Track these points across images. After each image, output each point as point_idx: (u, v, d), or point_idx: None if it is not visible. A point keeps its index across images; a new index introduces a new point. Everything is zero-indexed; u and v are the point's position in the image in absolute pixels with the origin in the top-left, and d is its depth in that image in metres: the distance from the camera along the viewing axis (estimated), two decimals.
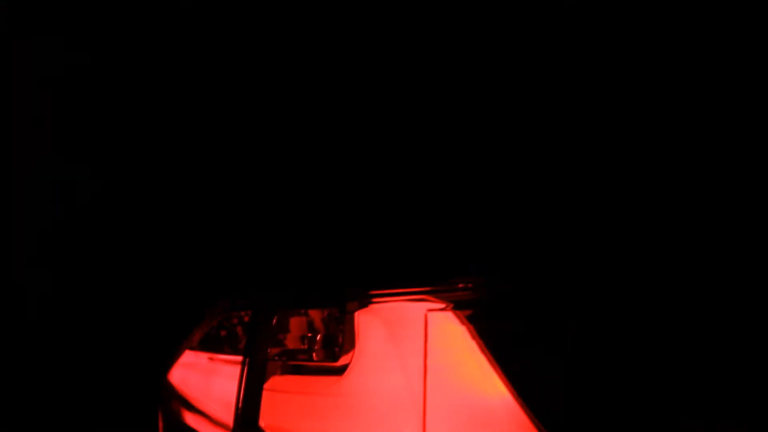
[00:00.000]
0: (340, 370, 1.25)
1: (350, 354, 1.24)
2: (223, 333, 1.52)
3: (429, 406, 1.17)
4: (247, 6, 1.73)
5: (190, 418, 1.57)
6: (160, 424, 1.71)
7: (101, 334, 1.98)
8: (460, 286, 1.16)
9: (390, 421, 1.20)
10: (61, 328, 1.94)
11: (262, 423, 1.32)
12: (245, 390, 1.36)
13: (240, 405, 1.35)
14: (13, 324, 1.95)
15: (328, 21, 1.59)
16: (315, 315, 1.31)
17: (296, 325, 1.33)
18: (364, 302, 1.23)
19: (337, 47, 1.63)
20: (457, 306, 1.16)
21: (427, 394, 1.17)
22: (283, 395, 1.33)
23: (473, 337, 1.14)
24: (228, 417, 1.44)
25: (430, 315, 1.18)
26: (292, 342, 1.34)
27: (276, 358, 1.35)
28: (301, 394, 1.31)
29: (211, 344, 1.56)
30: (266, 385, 1.33)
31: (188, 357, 1.64)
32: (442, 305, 1.17)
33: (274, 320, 1.35)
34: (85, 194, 1.91)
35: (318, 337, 1.30)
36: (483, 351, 1.14)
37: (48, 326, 1.95)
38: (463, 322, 1.15)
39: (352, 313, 1.24)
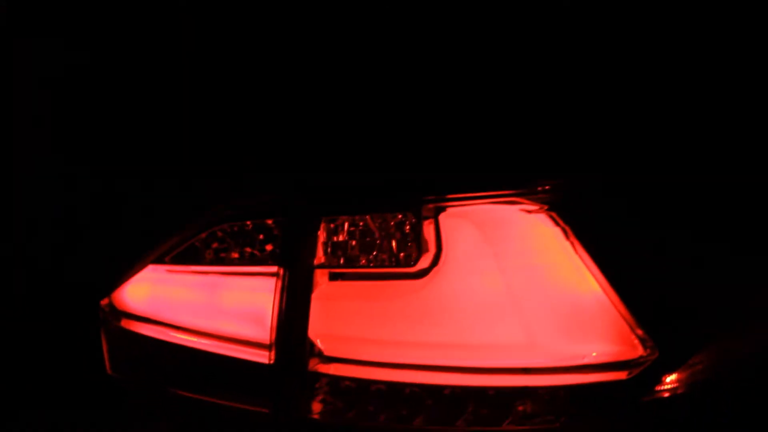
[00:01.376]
0: (419, 275, 1.28)
1: (430, 257, 1.27)
2: (215, 245, 1.48)
3: (527, 306, 1.22)
4: None
5: (167, 334, 1.52)
6: (105, 347, 1.63)
7: None
8: (547, 186, 1.22)
9: (485, 321, 1.26)
10: None
11: (312, 333, 1.32)
12: (287, 302, 1.34)
13: (282, 318, 1.34)
14: None
15: None
16: (372, 220, 1.32)
17: (349, 231, 1.34)
18: (447, 206, 1.27)
19: None
20: (549, 206, 1.21)
21: (525, 295, 1.22)
22: (339, 304, 1.34)
23: (567, 237, 1.20)
24: (245, 331, 1.42)
25: (522, 216, 1.23)
26: (344, 249, 1.34)
27: (325, 266, 1.34)
28: (363, 302, 1.33)
29: (197, 257, 1.50)
30: (315, 295, 1.33)
31: (152, 273, 1.58)
32: (533, 206, 1.22)
33: (321, 226, 1.34)
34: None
35: (379, 243, 1.31)
36: (576, 249, 1.20)
37: None
38: (555, 222, 1.21)
39: (432, 217, 1.27)
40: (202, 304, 1.51)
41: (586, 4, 1.38)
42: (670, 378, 1.20)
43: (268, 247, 1.41)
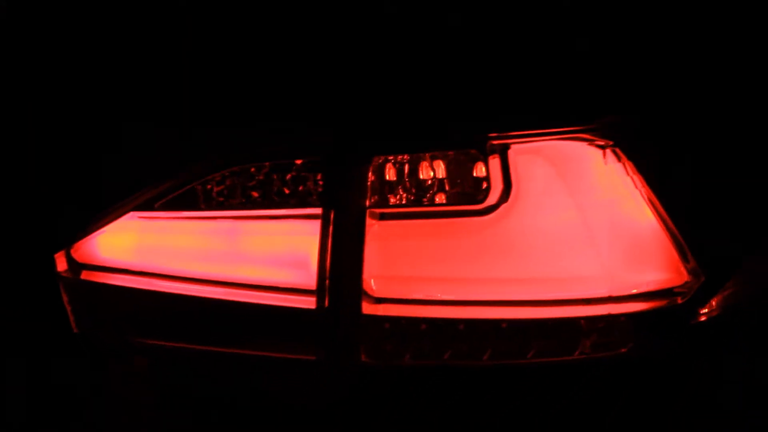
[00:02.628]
0: (486, 211, 1.28)
1: (497, 194, 1.28)
2: (218, 188, 1.38)
3: (591, 239, 1.26)
4: None
5: (166, 287, 1.41)
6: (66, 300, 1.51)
7: None
8: (611, 122, 1.26)
9: (551, 255, 1.29)
10: None
11: (365, 275, 1.29)
12: (337, 245, 1.29)
13: (331, 262, 1.29)
14: None
15: None
16: (426, 157, 1.31)
17: (403, 168, 1.31)
18: (512, 143, 1.27)
19: None
20: (612, 142, 1.26)
21: (590, 228, 1.27)
22: (395, 244, 1.31)
23: (628, 173, 1.26)
24: (280, 277, 1.36)
25: (586, 151, 1.27)
26: (397, 188, 1.32)
27: (378, 206, 1.31)
28: (424, 241, 1.31)
29: (202, 201, 1.40)
30: (369, 237, 1.30)
31: (139, 220, 1.45)
32: (597, 142, 1.26)
33: (372, 165, 1.30)
34: None
35: (437, 181, 1.31)
36: (636, 184, 1.26)
37: None
38: (617, 158, 1.26)
39: (498, 154, 1.27)
40: (218, 252, 1.42)
41: None
42: (714, 302, 1.31)
43: (310, 188, 1.35)
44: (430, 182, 1.31)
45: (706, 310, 1.31)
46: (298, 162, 1.36)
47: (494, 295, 1.29)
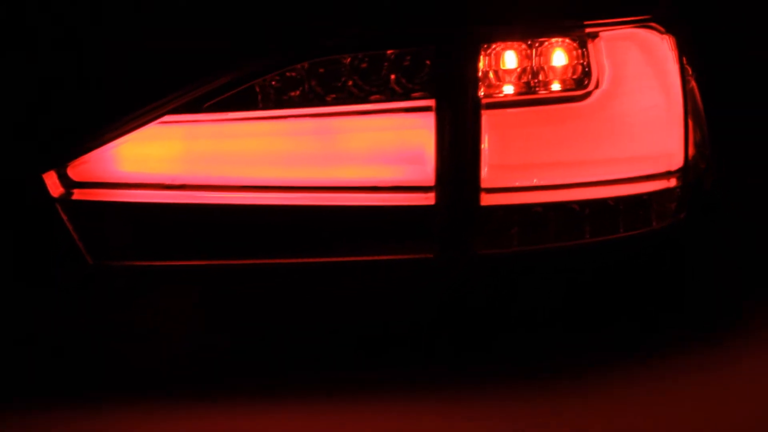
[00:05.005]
0: (586, 96, 1.32)
1: (597, 79, 1.32)
2: (276, 84, 1.22)
3: (667, 119, 1.37)
4: None
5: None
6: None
7: None
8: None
9: (651, 136, 1.38)
10: None
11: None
12: (451, 136, 1.24)
13: (444, 154, 1.25)
14: None
15: None
16: (528, 45, 1.30)
17: (507, 57, 1.29)
18: (602, 31, 1.31)
19: None
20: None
21: (665, 110, 1.37)
22: (500, 133, 1.29)
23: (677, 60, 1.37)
24: (384, 174, 1.27)
25: (662, 38, 1.36)
26: (503, 77, 1.29)
27: (485, 96, 1.27)
28: (532, 128, 1.31)
29: (250, 102, 1.24)
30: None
31: (169, 126, 1.25)
32: (660, 29, 1.36)
33: (481, 53, 1.26)
34: None
35: (542, 68, 1.31)
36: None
37: None
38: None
39: (591, 40, 1.31)
40: (295, 155, 1.28)
41: None
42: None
43: (414, 80, 1.28)
44: (533, 70, 1.32)
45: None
46: (396, 52, 1.27)
47: (598, 176, 1.36)
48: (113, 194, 1.27)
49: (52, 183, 1.25)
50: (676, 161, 1.41)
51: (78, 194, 1.26)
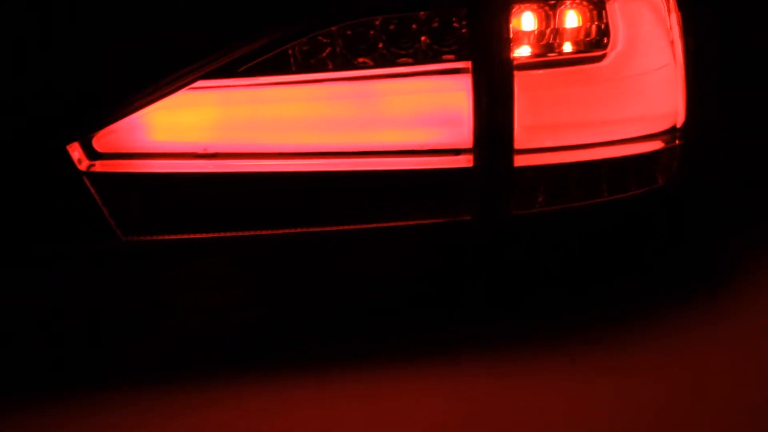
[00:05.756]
0: (602, 57, 1.35)
1: (614, 40, 1.35)
2: (309, 48, 1.18)
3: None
4: None
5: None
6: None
7: None
8: None
9: (659, 95, 1.42)
10: None
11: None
12: (486, 98, 1.24)
13: (485, 115, 1.24)
14: None
15: None
16: (552, 6, 1.31)
17: (534, 17, 1.30)
18: None
19: None
20: None
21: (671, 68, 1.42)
22: (529, 94, 1.30)
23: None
24: (419, 138, 1.27)
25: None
26: (530, 38, 1.30)
27: (517, 57, 1.28)
28: (556, 89, 1.33)
29: (284, 67, 1.20)
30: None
31: (199, 92, 1.19)
32: None
33: (511, 13, 1.25)
34: None
35: (564, 29, 1.32)
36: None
37: None
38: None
39: (612, 0, 1.33)
40: (331, 119, 1.25)
41: None
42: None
43: (447, 42, 1.27)
44: (556, 31, 1.33)
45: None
46: (429, 13, 1.26)
47: (615, 135, 1.39)
48: (142, 165, 1.21)
49: (78, 155, 1.17)
50: (680, 119, 1.46)
51: (105, 166, 1.19)
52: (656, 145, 1.44)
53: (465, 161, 1.28)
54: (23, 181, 1.17)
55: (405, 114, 1.27)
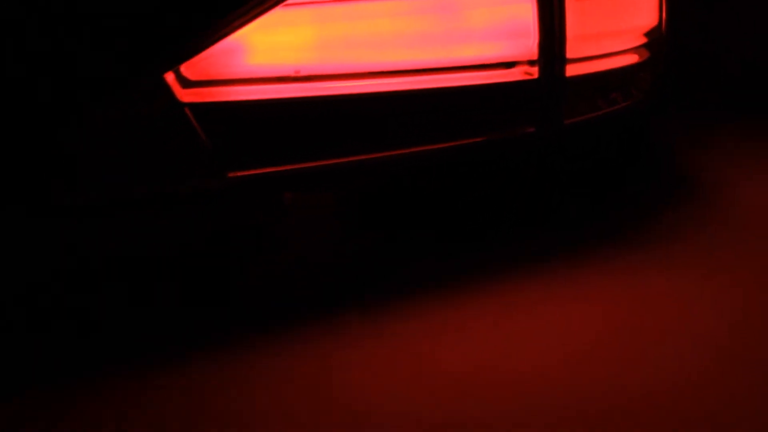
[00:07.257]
0: None
1: None
2: None
3: None
4: None
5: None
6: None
7: None
8: None
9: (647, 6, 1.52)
10: None
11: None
12: (550, 10, 1.26)
13: (547, 28, 1.26)
14: None
15: None
16: None
17: None
18: None
19: None
20: None
21: None
22: (577, 7, 1.34)
23: None
24: (494, 51, 1.27)
25: None
26: None
27: None
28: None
29: None
30: None
31: (290, 11, 1.12)
32: None
33: None
34: None
35: None
36: None
37: None
38: None
39: None
40: (410, 35, 1.22)
41: None
42: None
43: None
44: None
45: None
46: None
47: (627, 44, 1.48)
48: (239, 92, 1.11)
49: (177, 87, 1.06)
50: (658, 31, 1.57)
51: (203, 95, 1.08)
52: (644, 54, 1.54)
53: (531, 74, 1.29)
54: (119, 119, 1.03)
55: (477, 28, 1.27)
